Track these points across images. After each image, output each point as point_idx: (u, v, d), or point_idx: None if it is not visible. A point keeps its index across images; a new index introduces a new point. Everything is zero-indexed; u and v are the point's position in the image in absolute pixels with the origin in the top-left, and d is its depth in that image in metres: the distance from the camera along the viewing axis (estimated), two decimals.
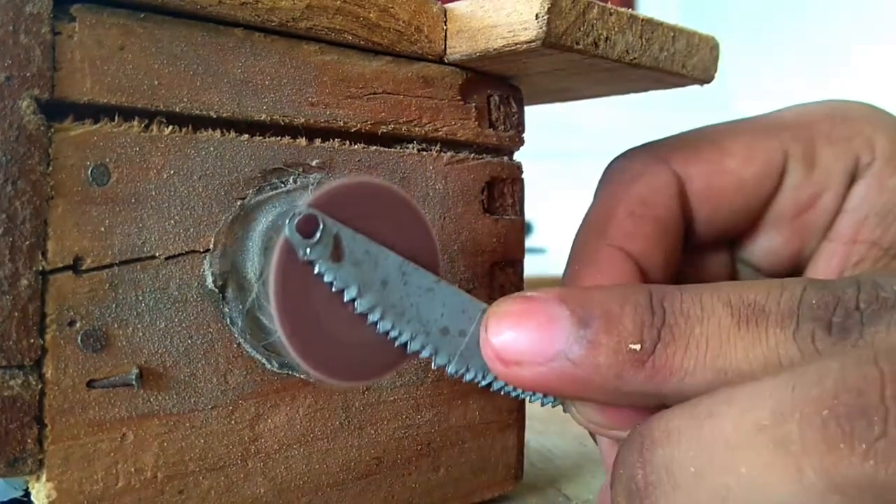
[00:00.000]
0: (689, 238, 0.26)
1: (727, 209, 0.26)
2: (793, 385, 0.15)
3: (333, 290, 0.18)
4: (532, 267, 0.33)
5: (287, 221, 0.17)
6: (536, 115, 0.31)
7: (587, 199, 0.26)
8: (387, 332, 0.18)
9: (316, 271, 0.18)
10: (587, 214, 0.25)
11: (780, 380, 0.15)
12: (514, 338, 0.18)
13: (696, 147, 0.26)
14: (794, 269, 0.27)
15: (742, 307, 0.17)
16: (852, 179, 0.26)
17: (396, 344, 0.19)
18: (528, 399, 0.19)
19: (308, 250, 0.18)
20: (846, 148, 0.26)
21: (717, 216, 0.26)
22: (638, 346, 0.17)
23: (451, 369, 0.19)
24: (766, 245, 0.27)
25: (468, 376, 0.19)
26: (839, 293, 0.17)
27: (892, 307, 0.16)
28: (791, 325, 0.17)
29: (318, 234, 0.18)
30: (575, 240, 0.25)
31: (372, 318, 0.18)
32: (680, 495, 0.16)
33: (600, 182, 0.26)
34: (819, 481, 0.14)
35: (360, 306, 0.18)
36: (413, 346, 0.19)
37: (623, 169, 0.26)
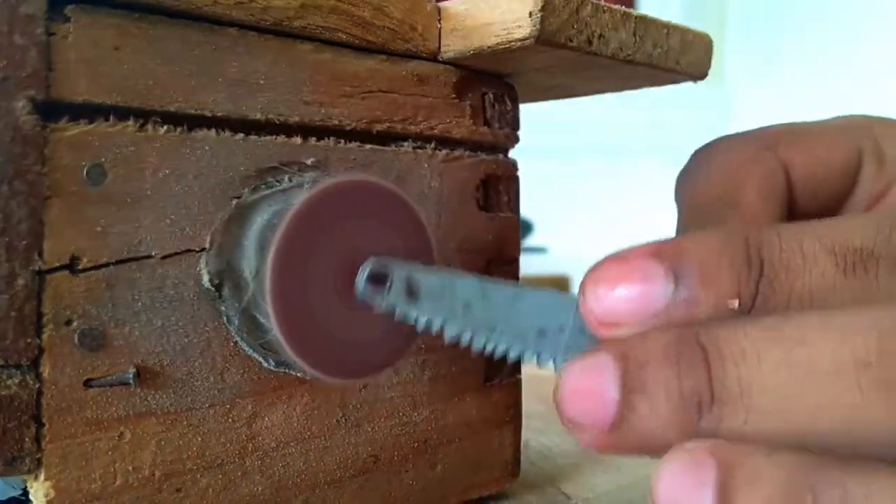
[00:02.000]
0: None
1: (821, 198, 0.26)
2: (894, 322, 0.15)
3: (419, 328, 0.18)
4: (532, 266, 0.33)
5: (357, 279, 0.18)
6: (536, 114, 0.31)
7: (587, 199, 0.26)
8: (484, 350, 0.18)
9: (397, 315, 0.18)
10: (699, 187, 0.25)
11: (886, 313, 0.15)
12: (612, 301, 0.17)
13: (794, 136, 0.26)
14: None
15: (847, 253, 0.16)
16: None
17: (497, 357, 0.18)
18: None
19: (384, 301, 0.18)
20: None
21: (810, 205, 0.26)
22: (736, 303, 0.17)
23: (558, 366, 0.19)
24: None
25: None
26: None
27: None
28: None
29: (388, 283, 0.18)
30: (688, 209, 0.25)
31: (465, 341, 0.18)
32: (757, 416, 0.15)
33: (697, 157, 0.26)
34: None
35: (448, 334, 0.18)
36: (513, 355, 0.18)
37: (733, 150, 0.26)
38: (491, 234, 0.25)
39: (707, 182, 0.25)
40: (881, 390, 0.14)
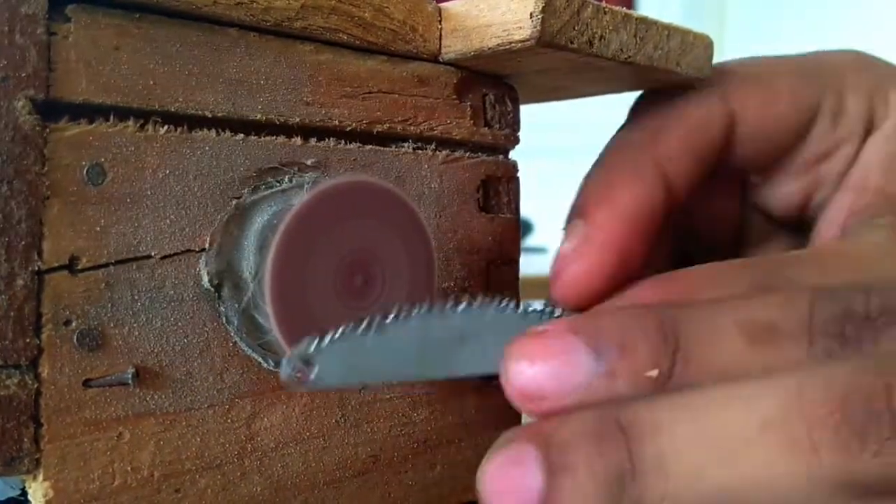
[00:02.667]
0: (717, 166, 0.26)
1: (763, 145, 0.26)
2: (799, 387, 0.15)
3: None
4: (532, 266, 0.34)
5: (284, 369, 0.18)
6: (536, 114, 0.31)
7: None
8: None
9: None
10: (635, 118, 0.25)
11: (788, 380, 0.16)
12: (533, 376, 0.18)
13: (752, 84, 0.26)
14: (802, 215, 0.28)
15: (754, 328, 0.18)
16: (867, 132, 0.26)
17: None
18: None
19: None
20: (868, 99, 0.26)
21: (754, 157, 0.26)
22: (655, 373, 0.17)
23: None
24: (780, 190, 0.27)
25: None
26: (847, 304, 0.17)
27: None
28: (804, 342, 0.17)
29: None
30: (614, 140, 0.25)
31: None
32: (675, 487, 0.16)
33: (646, 99, 0.26)
34: (827, 479, 0.15)
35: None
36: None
37: (679, 93, 0.26)
38: (491, 235, 0.25)
39: (645, 119, 0.25)
40: (785, 446, 0.15)
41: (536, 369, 0.18)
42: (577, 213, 0.23)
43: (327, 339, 0.18)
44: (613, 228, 0.22)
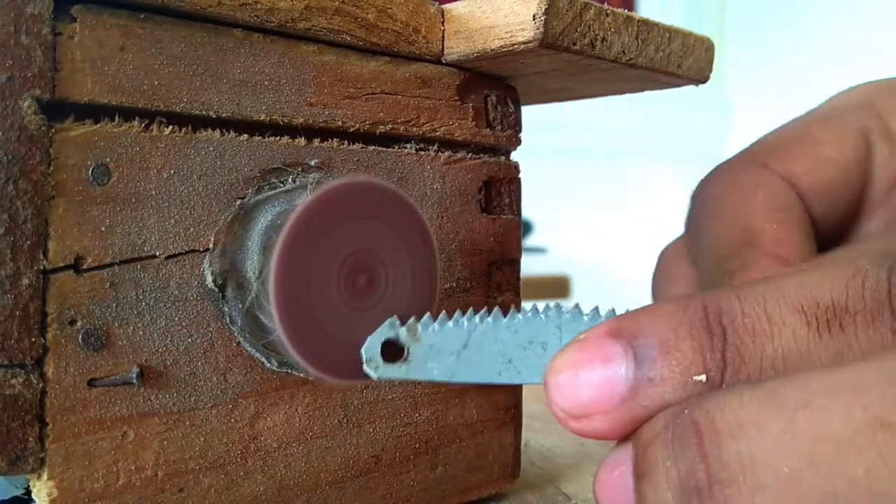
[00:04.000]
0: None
1: (840, 200, 0.24)
2: None
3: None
4: (532, 266, 0.34)
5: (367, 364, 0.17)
6: (536, 115, 0.32)
7: (587, 199, 0.26)
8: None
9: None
10: (712, 232, 0.23)
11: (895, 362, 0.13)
12: (575, 392, 0.16)
13: (788, 145, 0.25)
14: None
15: (818, 311, 0.15)
16: None
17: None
18: None
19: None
20: None
21: (832, 210, 0.24)
22: (704, 377, 0.15)
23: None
24: (870, 230, 0.25)
25: None
26: None
27: None
28: (885, 321, 0.15)
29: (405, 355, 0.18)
30: (708, 260, 0.23)
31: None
32: (765, 497, 0.13)
33: (699, 202, 0.25)
34: None
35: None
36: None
37: (728, 183, 0.24)
38: (492, 236, 0.25)
39: (717, 225, 0.23)
40: None
41: (576, 383, 0.16)
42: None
43: (422, 323, 0.18)
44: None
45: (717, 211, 0.24)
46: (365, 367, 0.18)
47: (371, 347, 0.18)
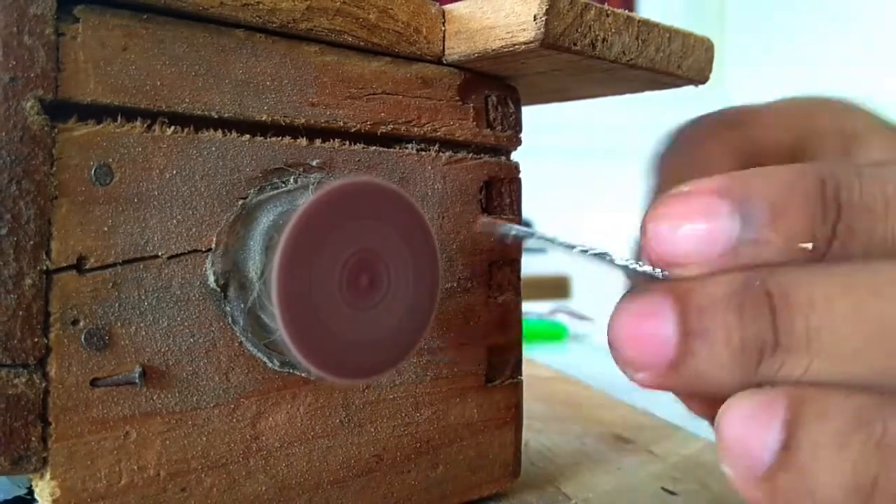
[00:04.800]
0: None
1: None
2: None
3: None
4: (532, 266, 0.34)
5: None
6: (536, 115, 0.32)
7: (587, 199, 0.26)
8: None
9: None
10: (672, 165, 0.25)
11: None
12: (675, 240, 0.16)
13: (754, 117, 0.26)
14: None
15: None
16: (846, 151, 0.26)
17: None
18: None
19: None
20: (837, 126, 0.27)
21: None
22: (810, 245, 0.15)
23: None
24: None
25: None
26: None
27: None
28: None
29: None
30: (667, 182, 0.24)
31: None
32: (821, 363, 0.14)
33: (673, 143, 0.26)
34: None
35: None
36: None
37: (703, 132, 0.26)
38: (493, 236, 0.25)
39: (682, 162, 0.25)
40: None
41: (677, 234, 0.16)
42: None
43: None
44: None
45: (686, 148, 0.26)
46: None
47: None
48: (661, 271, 0.18)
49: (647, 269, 0.18)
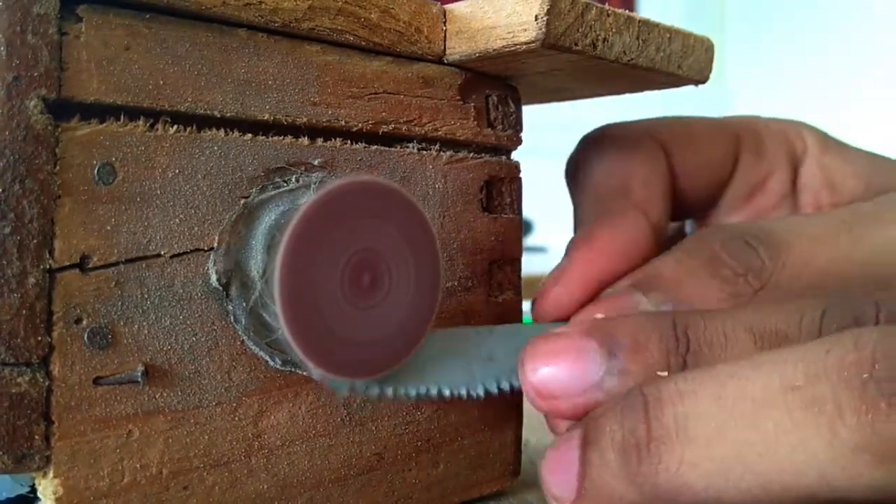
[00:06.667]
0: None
1: (698, 183, 0.29)
2: (827, 349, 0.16)
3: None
4: (532, 266, 0.34)
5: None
6: (537, 114, 0.32)
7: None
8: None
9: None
10: (594, 177, 0.27)
11: (813, 345, 0.16)
12: (550, 375, 0.19)
13: (674, 127, 0.29)
14: None
15: (765, 333, 0.18)
16: (795, 164, 0.29)
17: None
18: None
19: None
20: (784, 138, 0.29)
21: (690, 190, 0.29)
22: (665, 373, 0.18)
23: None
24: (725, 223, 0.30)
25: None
26: (858, 313, 0.18)
27: None
28: None
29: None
30: (587, 199, 0.27)
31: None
32: (693, 449, 0.16)
33: (590, 148, 0.28)
34: (851, 440, 0.15)
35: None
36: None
37: (623, 141, 0.28)
38: (493, 235, 0.25)
39: (601, 172, 0.27)
40: (809, 410, 0.15)
41: (551, 368, 0.19)
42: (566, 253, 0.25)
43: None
44: (591, 261, 0.24)
45: (605, 157, 0.28)
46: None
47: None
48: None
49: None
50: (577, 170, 0.28)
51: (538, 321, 0.24)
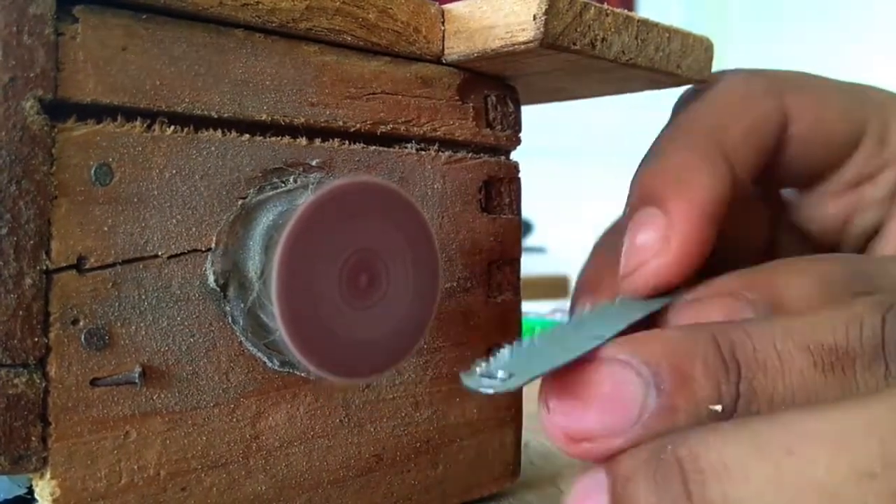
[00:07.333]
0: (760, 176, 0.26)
1: (811, 159, 0.26)
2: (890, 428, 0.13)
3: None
4: (532, 266, 0.34)
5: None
6: (536, 114, 0.32)
7: (587, 199, 0.26)
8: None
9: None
10: (693, 112, 0.25)
11: (881, 411, 0.13)
12: (580, 414, 0.16)
13: (806, 89, 0.26)
14: (840, 240, 0.27)
15: (823, 352, 0.15)
16: None
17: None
18: None
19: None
20: None
21: (802, 168, 0.26)
22: (719, 408, 0.15)
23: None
24: (821, 210, 0.27)
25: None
26: None
27: None
28: (880, 367, 0.15)
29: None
30: (672, 129, 0.24)
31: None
32: None
33: (701, 87, 0.26)
34: None
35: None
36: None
37: (740, 87, 0.25)
38: (493, 236, 0.25)
39: (703, 109, 0.25)
40: (888, 500, 0.12)
41: (582, 407, 0.16)
42: (649, 200, 0.22)
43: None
44: (694, 221, 0.21)
45: (716, 95, 0.25)
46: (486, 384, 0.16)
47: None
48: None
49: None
50: (684, 102, 0.25)
51: (631, 290, 0.21)
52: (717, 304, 0.19)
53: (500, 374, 0.16)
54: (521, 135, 0.26)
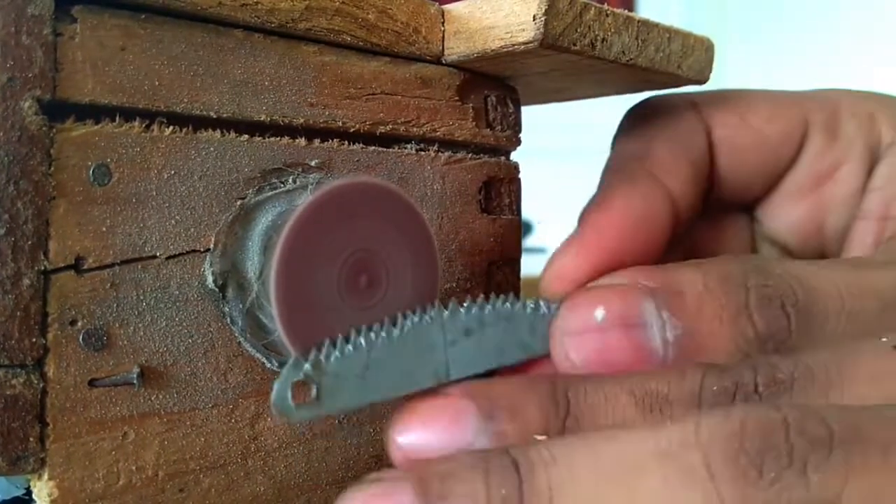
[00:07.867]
0: (710, 195, 0.26)
1: (748, 165, 0.26)
2: (697, 421, 0.16)
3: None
4: (532, 266, 0.34)
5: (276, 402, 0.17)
6: (536, 115, 0.32)
7: (587, 199, 0.26)
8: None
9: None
10: (622, 145, 0.25)
11: (685, 420, 0.16)
12: (421, 436, 0.18)
13: (724, 100, 0.26)
14: (821, 246, 0.27)
15: (645, 395, 0.18)
16: (874, 158, 0.26)
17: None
18: None
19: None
20: (869, 124, 0.26)
21: (737, 172, 0.26)
22: (543, 438, 0.17)
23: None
24: (787, 218, 0.27)
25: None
26: (737, 378, 0.18)
27: (787, 388, 0.17)
28: (693, 409, 0.18)
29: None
30: (610, 164, 0.25)
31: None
32: None
33: (630, 119, 0.26)
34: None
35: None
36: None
37: (657, 110, 0.26)
38: (492, 236, 0.25)
39: (627, 140, 0.25)
40: (682, 474, 0.15)
41: (425, 431, 0.18)
42: (578, 221, 0.24)
43: (324, 355, 0.17)
44: (603, 229, 0.22)
45: (637, 127, 0.26)
46: (277, 414, 0.17)
47: (280, 393, 0.17)
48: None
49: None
50: (613, 143, 0.26)
51: (544, 294, 0.22)
52: (616, 290, 0.20)
53: (314, 390, 0.17)
54: (521, 135, 0.26)
